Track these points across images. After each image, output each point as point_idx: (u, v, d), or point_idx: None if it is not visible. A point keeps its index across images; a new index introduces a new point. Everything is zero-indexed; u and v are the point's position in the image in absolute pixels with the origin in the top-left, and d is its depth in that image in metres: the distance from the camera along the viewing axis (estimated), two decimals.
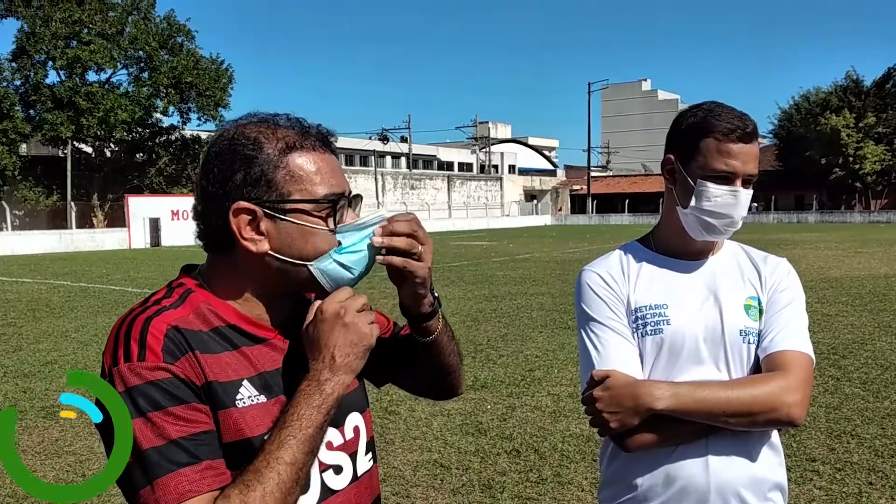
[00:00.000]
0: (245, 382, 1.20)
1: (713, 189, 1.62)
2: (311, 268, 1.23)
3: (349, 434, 1.33)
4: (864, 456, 4.78)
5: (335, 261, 1.23)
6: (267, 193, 1.19)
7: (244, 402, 1.17)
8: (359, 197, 1.31)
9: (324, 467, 1.27)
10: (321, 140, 1.25)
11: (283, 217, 1.20)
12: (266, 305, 1.27)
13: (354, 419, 1.35)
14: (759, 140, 1.69)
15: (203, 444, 1.09)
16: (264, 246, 1.21)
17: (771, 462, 1.67)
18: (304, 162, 1.21)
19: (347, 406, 1.33)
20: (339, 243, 1.23)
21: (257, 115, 1.26)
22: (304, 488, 1.22)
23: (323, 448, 1.25)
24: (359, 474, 1.33)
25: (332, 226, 1.22)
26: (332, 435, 1.29)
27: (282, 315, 1.29)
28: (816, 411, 5.66)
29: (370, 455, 1.38)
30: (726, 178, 1.63)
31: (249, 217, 1.19)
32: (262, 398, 1.20)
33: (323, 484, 1.26)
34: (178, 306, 1.20)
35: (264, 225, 1.20)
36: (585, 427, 5.37)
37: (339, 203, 1.23)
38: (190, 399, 1.11)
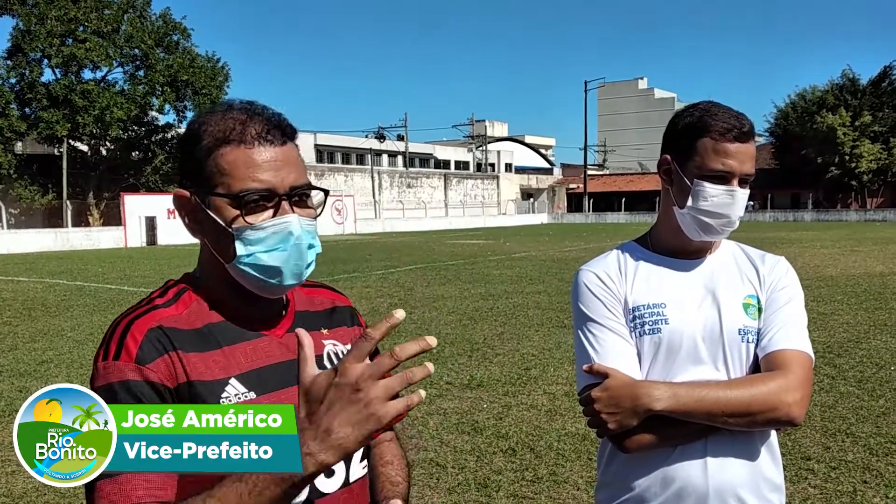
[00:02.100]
0: (232, 380, 1.20)
1: (710, 189, 1.62)
2: (227, 268, 1.24)
3: None
4: (858, 454, 4.79)
5: (239, 267, 1.22)
6: (197, 185, 1.21)
7: (230, 401, 1.18)
8: (311, 189, 1.25)
9: None
10: (263, 131, 1.20)
11: (207, 211, 1.21)
12: (249, 299, 1.27)
13: None
14: (756, 139, 1.69)
15: None
16: (198, 234, 1.24)
17: (769, 463, 1.66)
18: (230, 155, 1.19)
19: None
20: (235, 252, 1.21)
21: (226, 103, 1.25)
22: None
23: None
24: (351, 480, 1.31)
25: (242, 222, 1.19)
26: None
27: (274, 309, 1.31)
28: (811, 410, 5.67)
29: (366, 463, 1.37)
30: (723, 178, 1.62)
31: (188, 204, 1.23)
32: (252, 395, 1.21)
33: (312, 485, 1.24)
34: (170, 305, 1.23)
35: (199, 214, 1.23)
36: (581, 426, 5.37)
37: (253, 202, 1.18)
38: (152, 402, 1.12)
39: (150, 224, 35.65)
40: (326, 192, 1.30)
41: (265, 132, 1.20)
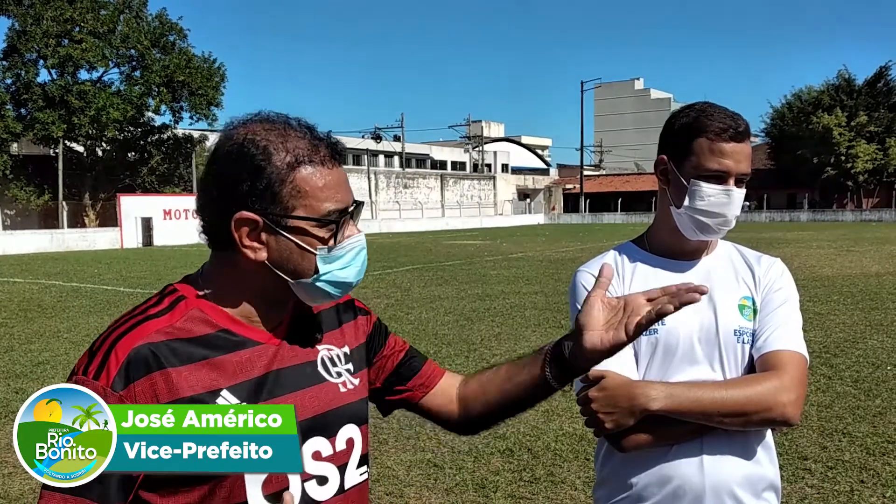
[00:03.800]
0: (224, 392, 1.18)
1: (706, 188, 1.63)
2: (291, 284, 1.23)
3: (341, 445, 1.30)
4: (855, 454, 4.80)
5: (315, 285, 1.23)
6: (271, 207, 1.18)
7: None
8: (360, 204, 1.29)
9: (307, 477, 1.24)
10: (331, 153, 1.23)
11: (283, 233, 1.19)
12: (262, 309, 1.26)
13: (350, 431, 1.32)
14: (752, 139, 1.70)
15: (95, 482, 1.06)
16: (262, 255, 1.20)
17: (765, 461, 1.67)
18: (311, 177, 1.19)
19: (344, 417, 1.31)
20: (318, 270, 1.22)
21: (269, 117, 1.23)
22: (280, 495, 1.20)
23: (309, 458, 1.24)
24: (346, 487, 1.30)
25: (332, 243, 1.22)
26: (322, 445, 1.27)
27: (278, 319, 1.29)
28: (808, 410, 5.68)
29: (363, 469, 1.35)
30: (719, 178, 1.63)
31: (251, 227, 1.19)
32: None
33: (304, 494, 1.23)
34: (164, 314, 1.20)
35: (265, 236, 1.20)
36: (578, 426, 5.37)
37: (341, 220, 1.22)
38: None
39: (147, 225, 35.59)
40: (362, 205, 1.32)
41: (334, 153, 1.23)
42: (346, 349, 1.39)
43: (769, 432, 1.70)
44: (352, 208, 1.25)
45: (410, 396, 1.49)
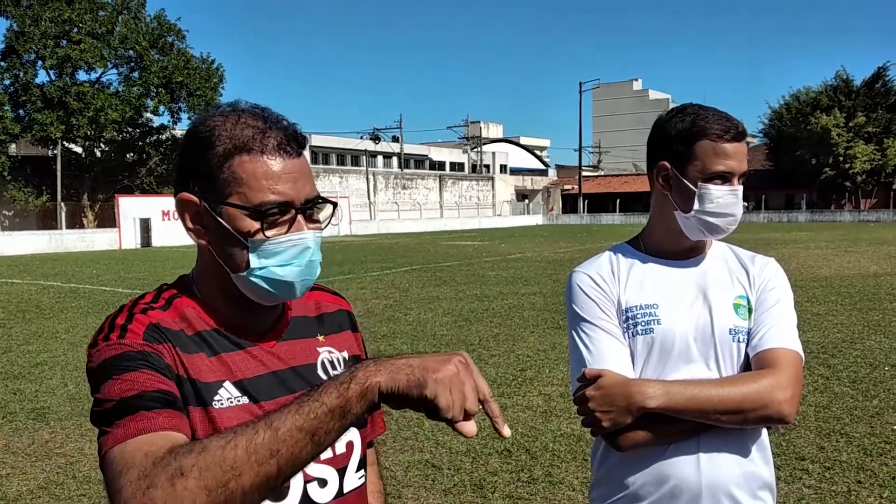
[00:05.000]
0: (227, 384, 1.18)
1: (715, 191, 1.65)
2: (233, 278, 1.21)
3: (340, 449, 1.30)
4: (853, 454, 4.80)
5: (250, 279, 1.20)
6: (209, 191, 1.18)
7: (222, 404, 1.16)
8: (324, 203, 1.24)
9: (308, 479, 1.24)
10: (282, 142, 1.18)
11: (218, 218, 1.18)
12: (235, 306, 1.25)
13: (350, 434, 1.31)
14: (750, 139, 1.72)
15: (169, 398, 1.06)
16: (203, 239, 1.21)
17: (761, 461, 1.68)
18: (249, 165, 1.16)
19: None
20: (249, 265, 1.18)
21: (233, 105, 1.22)
22: (282, 495, 1.20)
23: None
24: (345, 491, 1.30)
25: (262, 236, 1.17)
26: None
27: (267, 320, 1.28)
28: (806, 410, 5.69)
29: (362, 472, 1.35)
30: (724, 178, 1.65)
31: (194, 209, 1.20)
32: (245, 399, 1.19)
33: (305, 494, 1.23)
34: (163, 310, 1.21)
35: (206, 220, 1.20)
36: (577, 427, 5.38)
37: (271, 214, 1.17)
38: (165, 373, 1.10)
39: (145, 226, 35.57)
40: (335, 205, 1.28)
41: (284, 143, 1.18)
42: (346, 354, 1.39)
43: (764, 432, 1.70)
44: (302, 206, 1.19)
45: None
